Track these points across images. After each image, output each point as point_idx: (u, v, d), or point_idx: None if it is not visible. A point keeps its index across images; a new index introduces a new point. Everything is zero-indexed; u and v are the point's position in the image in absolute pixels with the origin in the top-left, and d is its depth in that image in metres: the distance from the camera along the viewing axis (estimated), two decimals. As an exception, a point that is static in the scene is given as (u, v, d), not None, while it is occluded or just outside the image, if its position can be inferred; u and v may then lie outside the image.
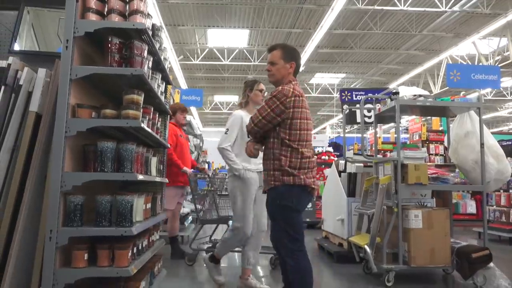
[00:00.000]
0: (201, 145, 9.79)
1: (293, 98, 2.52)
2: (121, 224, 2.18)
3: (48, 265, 2.04)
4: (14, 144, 2.26)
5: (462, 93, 9.55)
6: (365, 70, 17.66)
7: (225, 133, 3.59)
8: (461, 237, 6.39)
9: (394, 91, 3.88)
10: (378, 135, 8.10)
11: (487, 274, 3.59)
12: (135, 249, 2.36)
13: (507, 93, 19.62)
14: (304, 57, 13.70)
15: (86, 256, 2.14)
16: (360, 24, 12.62)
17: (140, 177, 2.27)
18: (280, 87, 2.59)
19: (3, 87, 2.28)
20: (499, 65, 13.37)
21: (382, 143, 9.71)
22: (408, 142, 10.44)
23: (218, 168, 26.93)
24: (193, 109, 18.56)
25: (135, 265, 2.22)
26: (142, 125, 2.27)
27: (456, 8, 11.10)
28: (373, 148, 5.18)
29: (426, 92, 4.01)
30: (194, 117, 18.50)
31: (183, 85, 16.20)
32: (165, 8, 11.33)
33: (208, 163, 15.43)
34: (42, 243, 2.17)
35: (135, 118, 2.24)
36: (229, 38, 14.01)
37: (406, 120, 15.09)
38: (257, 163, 3.33)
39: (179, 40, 14.30)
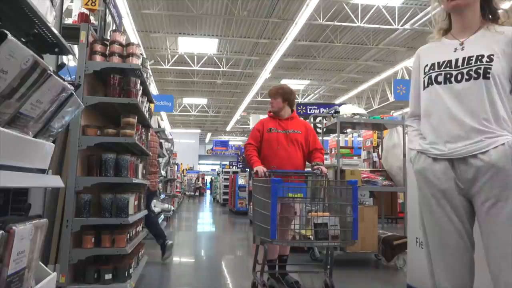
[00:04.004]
0: (172, 148, 10.44)
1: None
2: (120, 216, 2.91)
3: (65, 246, 2.75)
4: (35, 155, 2.94)
5: (392, 112, 10.66)
6: (328, 77, 18.75)
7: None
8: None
9: (335, 110, 4.77)
10: (338, 139, 9.13)
11: (406, 257, 4.52)
12: (128, 235, 3.08)
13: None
14: (271, 65, 14.59)
15: (93, 239, 2.86)
16: (322, 36, 13.60)
17: (134, 180, 3.00)
18: None
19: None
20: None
21: (341, 147, 10.70)
22: (362, 147, 11.47)
23: (186, 169, 27.46)
24: (162, 112, 19.07)
25: (129, 247, 2.96)
26: (136, 141, 3.00)
27: (407, 26, 12.26)
28: (333, 152, 6.05)
29: (363, 111, 4.92)
30: (163, 120, 19.02)
31: (154, 89, 16.74)
32: (138, 16, 11.89)
33: (177, 164, 16.01)
34: (57, 229, 2.86)
35: (131, 136, 2.98)
36: (199, 45, 14.70)
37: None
38: (456, 142, 1.66)
39: (150, 45, 14.85)
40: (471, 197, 1.64)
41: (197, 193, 29.60)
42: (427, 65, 1.81)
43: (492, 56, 1.63)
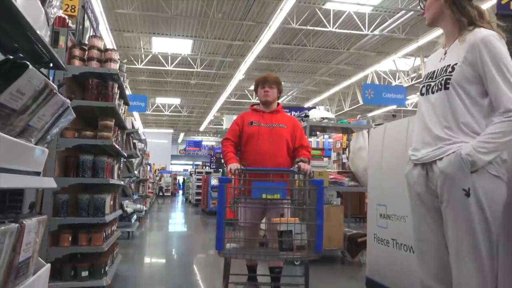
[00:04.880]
0: (145, 149, 10.46)
1: None
2: (97, 215, 3.02)
3: (42, 244, 2.82)
4: (13, 155, 3.01)
5: (358, 116, 11.11)
6: (300, 79, 19.10)
7: None
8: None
9: (305, 114, 5.00)
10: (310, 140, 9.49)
11: (369, 254, 4.80)
12: (104, 234, 3.19)
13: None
14: (245, 66, 14.76)
15: (70, 238, 2.95)
16: (295, 40, 13.89)
17: (111, 181, 3.12)
18: None
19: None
20: (416, 81, 15.33)
21: (312, 149, 11.01)
22: (332, 148, 11.83)
23: (158, 170, 27.21)
24: (135, 112, 18.93)
25: (106, 245, 3.07)
26: (113, 143, 3.11)
27: (376, 32, 12.70)
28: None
29: (331, 115, 5.17)
30: (135, 119, 18.86)
31: (126, 88, 16.59)
32: (112, 15, 11.82)
33: (149, 165, 15.94)
34: (35, 229, 2.94)
35: (108, 138, 3.09)
36: (173, 45, 14.71)
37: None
38: (425, 148, 1.84)
39: (123, 44, 14.75)
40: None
41: (161, 193, 29.34)
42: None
43: (455, 66, 1.74)
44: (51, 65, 1.27)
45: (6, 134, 0.88)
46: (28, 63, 0.90)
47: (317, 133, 6.68)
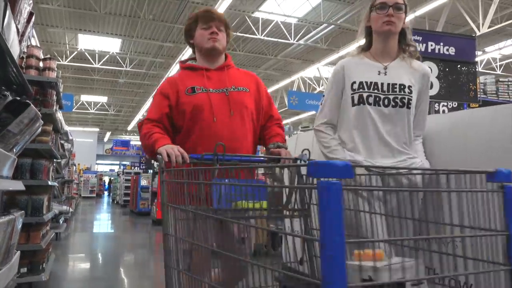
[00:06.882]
0: (71, 149, 10.24)
1: None
2: (36, 215, 3.19)
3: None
4: None
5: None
6: (231, 82, 19.60)
7: (321, 103, 2.14)
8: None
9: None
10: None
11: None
12: (42, 232, 3.37)
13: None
14: (176, 67, 14.88)
15: (8, 237, 3.10)
16: (226, 44, 14.34)
17: (49, 183, 3.31)
18: None
19: None
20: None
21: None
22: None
23: (83, 170, 26.08)
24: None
25: (44, 243, 3.26)
26: (51, 147, 3.31)
27: (301, 41, 13.57)
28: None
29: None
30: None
31: (50, 85, 15.88)
32: (35, 9, 11.34)
33: (74, 165, 15.42)
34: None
35: (46, 143, 3.27)
36: (101, 42, 14.41)
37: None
38: (385, 159, 1.86)
39: (47, 39, 14.16)
40: None
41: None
42: (355, 82, 1.90)
43: (411, 88, 1.88)
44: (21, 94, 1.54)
45: (5, 150, 1.19)
46: (29, 102, 1.21)
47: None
